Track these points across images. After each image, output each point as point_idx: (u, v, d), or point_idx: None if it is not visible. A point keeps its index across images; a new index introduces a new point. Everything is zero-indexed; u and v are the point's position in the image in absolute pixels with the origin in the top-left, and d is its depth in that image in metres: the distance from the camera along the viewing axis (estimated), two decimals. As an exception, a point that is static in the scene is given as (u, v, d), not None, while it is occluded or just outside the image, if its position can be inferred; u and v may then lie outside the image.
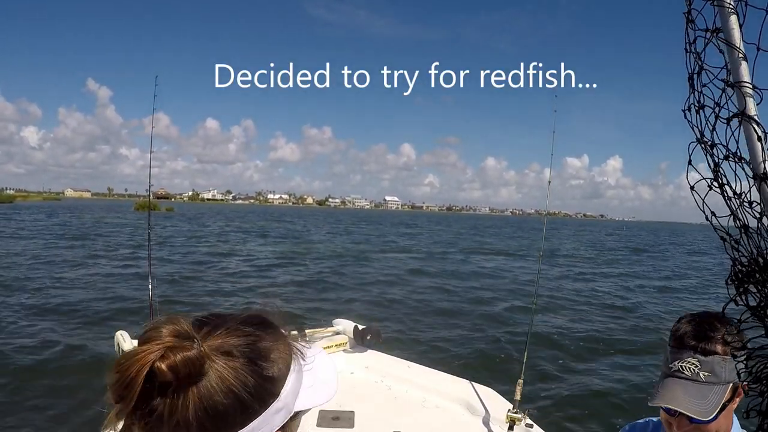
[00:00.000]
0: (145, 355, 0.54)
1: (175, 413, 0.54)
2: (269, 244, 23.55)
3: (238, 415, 0.56)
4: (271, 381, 0.59)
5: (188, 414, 0.54)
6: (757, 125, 0.76)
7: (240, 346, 0.59)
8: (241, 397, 0.56)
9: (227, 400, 0.55)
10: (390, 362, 2.79)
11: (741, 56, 0.80)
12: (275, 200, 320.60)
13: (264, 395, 0.58)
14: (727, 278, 0.74)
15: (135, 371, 0.54)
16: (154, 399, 0.55)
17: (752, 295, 0.72)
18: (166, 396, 0.55)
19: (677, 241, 44.58)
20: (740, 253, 0.73)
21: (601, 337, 7.51)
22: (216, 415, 0.55)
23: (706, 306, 9.60)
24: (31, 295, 9.17)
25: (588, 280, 14.24)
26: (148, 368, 0.53)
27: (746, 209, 0.73)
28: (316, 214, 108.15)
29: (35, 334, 6.65)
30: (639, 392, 5.28)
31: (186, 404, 0.54)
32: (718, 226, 0.75)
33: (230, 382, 0.56)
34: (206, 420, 0.55)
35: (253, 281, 12.29)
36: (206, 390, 0.55)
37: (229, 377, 0.56)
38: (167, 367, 0.54)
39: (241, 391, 0.56)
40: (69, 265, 13.51)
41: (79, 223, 33.50)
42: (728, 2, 0.81)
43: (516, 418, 2.07)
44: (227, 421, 0.56)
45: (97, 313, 8.06)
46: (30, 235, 22.46)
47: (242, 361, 0.58)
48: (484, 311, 9.24)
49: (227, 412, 0.55)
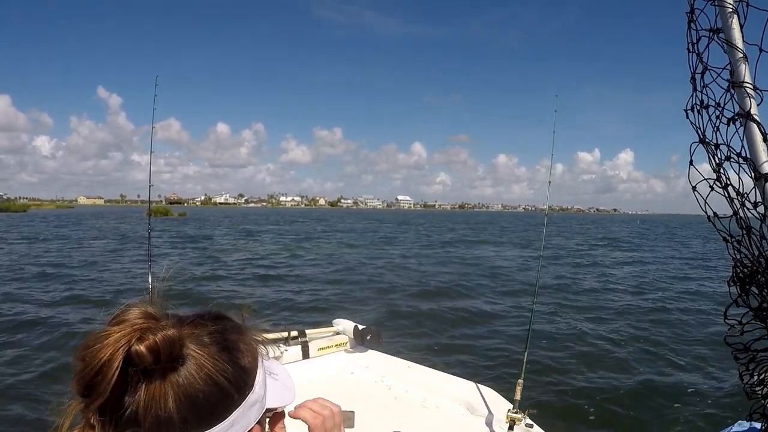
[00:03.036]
0: (120, 336, 0.48)
1: (153, 406, 0.48)
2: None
3: (220, 405, 0.53)
4: (245, 371, 0.56)
5: (169, 406, 0.49)
6: (759, 125, 0.76)
7: (211, 334, 0.55)
8: (222, 385, 0.52)
9: (207, 388, 0.51)
10: (390, 362, 2.79)
11: (742, 57, 0.80)
12: (287, 202, 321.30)
13: (241, 384, 0.55)
14: (729, 279, 0.74)
15: (108, 355, 0.47)
16: (129, 389, 0.48)
17: (754, 296, 0.71)
18: (145, 385, 0.48)
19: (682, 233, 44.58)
20: (742, 254, 0.73)
21: (601, 337, 7.51)
22: (198, 406, 0.50)
23: (712, 310, 9.60)
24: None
25: (589, 280, 14.23)
26: (125, 351, 0.48)
27: (749, 210, 0.72)
28: (343, 215, 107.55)
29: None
30: (639, 392, 5.27)
31: (165, 395, 0.49)
32: (721, 228, 0.75)
33: (209, 369, 0.52)
34: (189, 412, 0.50)
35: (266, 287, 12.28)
36: (185, 378, 0.50)
37: (207, 364, 0.52)
38: (146, 348, 0.48)
39: (220, 378, 0.52)
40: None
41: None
42: (728, 2, 0.81)
43: (516, 418, 2.07)
44: (209, 411, 0.52)
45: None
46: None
47: (216, 348, 0.54)
48: (484, 311, 9.23)
49: (209, 402, 0.51)
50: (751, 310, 0.71)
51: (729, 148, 0.77)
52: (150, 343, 0.48)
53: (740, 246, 0.72)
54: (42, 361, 5.65)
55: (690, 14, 0.86)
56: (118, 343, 0.47)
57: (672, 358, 6.49)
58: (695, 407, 4.90)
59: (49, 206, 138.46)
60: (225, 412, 0.53)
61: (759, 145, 0.76)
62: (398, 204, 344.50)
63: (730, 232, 0.74)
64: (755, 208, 0.72)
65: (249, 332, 0.61)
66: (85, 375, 0.48)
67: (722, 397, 5.11)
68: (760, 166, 0.73)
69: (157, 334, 0.49)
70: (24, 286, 10.61)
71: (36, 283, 10.92)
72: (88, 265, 14.39)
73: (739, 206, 0.74)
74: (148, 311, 0.53)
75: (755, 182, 0.73)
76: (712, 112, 0.80)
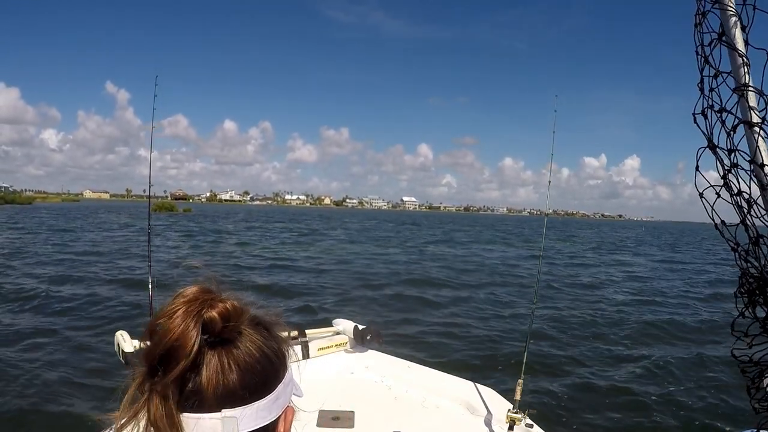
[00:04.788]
0: (191, 306, 0.51)
1: (217, 376, 0.52)
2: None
3: (270, 377, 0.56)
4: (282, 350, 0.60)
5: (232, 376, 0.53)
6: (763, 131, 0.75)
7: (257, 317, 0.59)
8: (272, 359, 0.57)
9: (263, 360, 0.56)
10: (390, 362, 2.79)
11: (745, 61, 0.79)
12: (293, 201, 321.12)
13: (283, 361, 0.60)
14: (736, 290, 0.73)
15: (184, 324, 0.50)
16: (199, 359, 0.51)
17: (762, 307, 0.70)
18: (210, 355, 0.52)
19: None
20: (750, 264, 0.72)
21: (601, 337, 7.51)
22: (256, 375, 0.54)
23: (715, 313, 9.57)
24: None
25: (589, 280, 14.24)
26: (200, 318, 0.51)
27: (757, 218, 0.71)
28: (348, 214, 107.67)
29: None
30: (640, 392, 5.28)
31: (229, 365, 0.53)
32: (729, 237, 0.73)
33: (261, 343, 0.56)
34: (248, 382, 0.53)
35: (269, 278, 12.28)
36: (245, 350, 0.55)
37: (258, 338, 0.56)
38: (218, 314, 0.52)
39: (270, 352, 0.57)
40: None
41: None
42: (730, 6, 0.80)
43: (516, 418, 2.07)
44: (263, 382, 0.55)
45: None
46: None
47: (262, 326, 0.59)
48: (485, 310, 9.24)
49: (263, 374, 0.55)
50: (757, 320, 0.70)
51: (736, 154, 0.76)
52: (221, 310, 0.52)
53: (747, 255, 0.71)
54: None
55: (697, 17, 0.85)
56: (191, 312, 0.51)
57: (674, 361, 6.49)
58: (696, 411, 4.90)
59: (54, 199, 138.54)
60: (273, 384, 0.57)
61: (765, 153, 0.75)
62: (403, 205, 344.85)
63: (737, 241, 0.73)
64: (763, 217, 0.70)
65: (276, 319, 0.64)
66: (162, 346, 0.50)
67: (726, 405, 5.10)
68: (766, 174, 0.72)
69: (226, 302, 0.54)
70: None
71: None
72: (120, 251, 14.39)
73: (746, 214, 0.73)
74: (206, 287, 0.56)
75: (762, 191, 0.72)
76: (720, 117, 0.79)
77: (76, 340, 6.28)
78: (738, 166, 0.75)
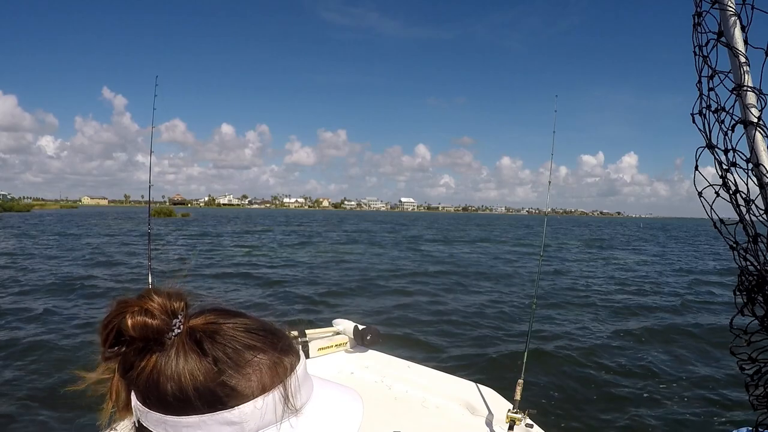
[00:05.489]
0: (122, 307, 0.56)
1: (140, 372, 0.56)
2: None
3: (176, 402, 0.55)
4: (229, 390, 0.55)
5: (145, 378, 0.56)
6: (762, 131, 0.75)
7: (217, 346, 0.56)
8: (184, 388, 0.54)
9: (171, 384, 0.54)
10: (390, 362, 2.79)
11: (744, 60, 0.79)
12: (291, 204, 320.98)
13: (212, 399, 0.55)
14: (735, 288, 0.73)
15: (110, 320, 0.56)
16: (122, 350, 0.56)
17: (761, 305, 0.71)
18: (133, 351, 0.56)
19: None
20: (749, 262, 0.72)
21: (601, 337, 7.51)
22: (157, 391, 0.55)
23: (716, 312, 9.59)
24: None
25: (589, 280, 14.24)
26: (119, 319, 0.56)
27: (756, 216, 0.71)
28: (347, 217, 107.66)
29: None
30: (640, 392, 5.28)
31: (145, 368, 0.55)
32: (727, 234, 0.74)
33: (179, 370, 0.54)
34: (150, 393, 0.56)
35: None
36: (160, 365, 0.55)
37: (179, 364, 0.55)
38: (131, 325, 0.55)
39: (187, 382, 0.54)
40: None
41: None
42: (730, 5, 0.80)
43: (516, 418, 2.07)
44: (166, 402, 0.55)
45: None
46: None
47: (207, 359, 0.55)
48: (484, 310, 9.24)
49: (166, 394, 0.55)
50: (757, 319, 0.70)
51: (735, 153, 0.76)
52: (134, 322, 0.55)
53: (746, 254, 0.71)
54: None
55: (696, 16, 0.85)
56: (118, 312, 0.56)
57: (674, 362, 6.49)
58: (697, 411, 4.90)
59: (52, 206, 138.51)
60: (180, 411, 0.55)
61: (763, 152, 0.75)
62: (402, 206, 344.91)
63: (735, 239, 0.73)
64: (761, 216, 0.71)
65: (282, 357, 0.59)
66: (100, 327, 0.57)
67: (725, 403, 5.11)
68: (765, 173, 0.72)
69: (142, 318, 0.55)
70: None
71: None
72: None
73: (745, 213, 0.73)
74: (165, 303, 0.57)
75: (761, 189, 0.72)
76: (718, 116, 0.79)
77: (71, 345, 6.28)
78: (736, 165, 0.75)
